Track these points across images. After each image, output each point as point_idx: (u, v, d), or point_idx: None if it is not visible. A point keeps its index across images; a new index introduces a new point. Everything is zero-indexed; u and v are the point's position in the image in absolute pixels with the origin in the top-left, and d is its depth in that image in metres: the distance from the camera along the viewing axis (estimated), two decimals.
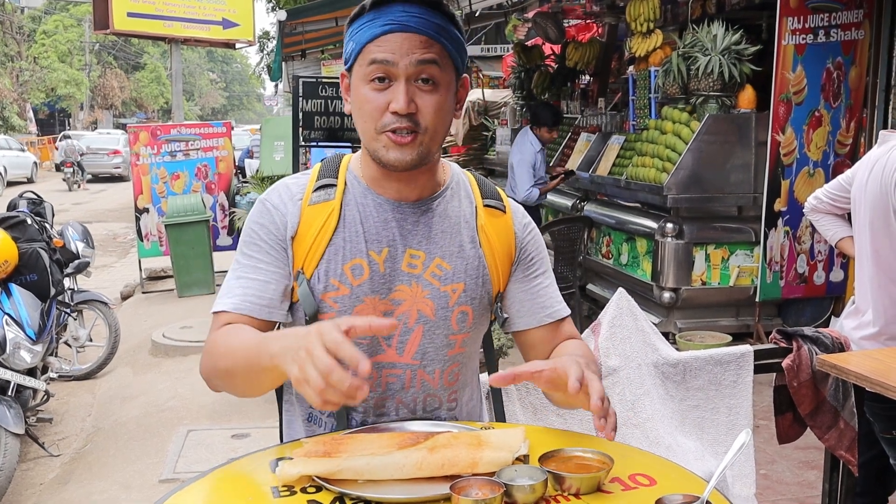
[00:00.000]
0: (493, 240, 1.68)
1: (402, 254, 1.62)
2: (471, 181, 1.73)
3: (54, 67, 39.41)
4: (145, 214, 9.44)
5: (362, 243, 1.60)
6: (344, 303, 1.60)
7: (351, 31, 1.56)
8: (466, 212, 1.68)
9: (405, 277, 1.62)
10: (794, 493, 4.01)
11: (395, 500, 1.28)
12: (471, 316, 1.66)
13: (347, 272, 1.60)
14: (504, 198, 1.75)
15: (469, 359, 1.73)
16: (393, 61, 1.50)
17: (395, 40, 1.50)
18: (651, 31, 6.71)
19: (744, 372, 2.59)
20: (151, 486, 4.32)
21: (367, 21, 1.52)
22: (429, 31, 1.51)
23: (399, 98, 1.50)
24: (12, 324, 4.89)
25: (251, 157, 16.12)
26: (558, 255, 6.84)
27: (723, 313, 6.06)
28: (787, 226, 5.67)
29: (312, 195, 1.63)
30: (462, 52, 1.59)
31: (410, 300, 1.62)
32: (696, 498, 1.21)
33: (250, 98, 79.00)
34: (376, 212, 1.62)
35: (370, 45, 1.52)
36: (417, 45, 1.51)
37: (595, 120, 8.08)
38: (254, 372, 1.45)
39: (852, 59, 5.60)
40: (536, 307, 1.73)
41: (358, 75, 1.55)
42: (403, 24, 1.50)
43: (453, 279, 1.64)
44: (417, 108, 1.52)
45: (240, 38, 15.42)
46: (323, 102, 8.32)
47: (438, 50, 1.53)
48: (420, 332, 1.63)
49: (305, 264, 1.60)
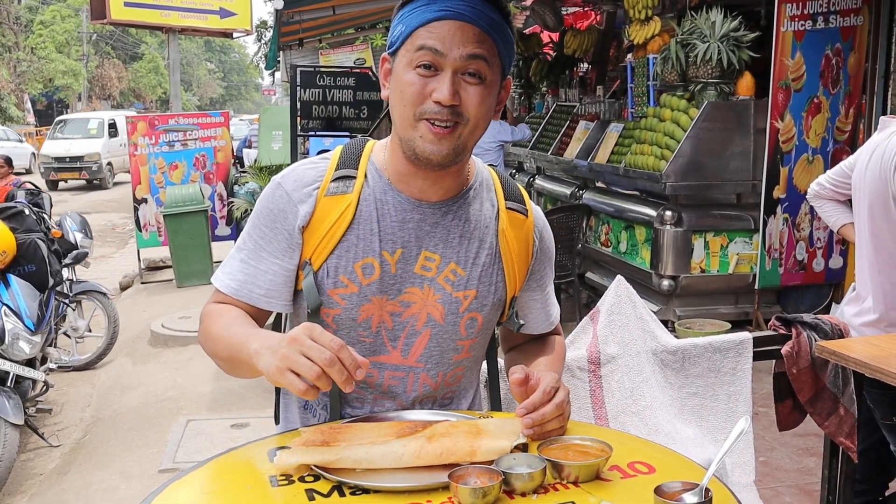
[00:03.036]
0: (513, 245, 1.64)
1: (417, 256, 1.57)
2: (494, 181, 1.68)
3: (52, 58, 39.26)
4: (144, 205, 9.43)
5: (376, 242, 1.55)
6: (351, 300, 1.56)
7: (402, 14, 1.50)
8: (487, 215, 1.63)
9: (417, 280, 1.58)
10: (793, 480, 4.01)
11: (393, 488, 1.27)
12: (480, 322, 1.63)
13: (358, 270, 1.55)
14: (527, 200, 1.71)
15: (473, 363, 1.71)
16: (442, 51, 1.44)
17: (447, 28, 1.45)
18: (649, 18, 6.69)
19: (743, 359, 2.59)
20: (151, 476, 4.32)
21: (422, 5, 1.46)
22: (483, 25, 1.46)
23: (444, 88, 1.44)
24: (11, 314, 4.89)
25: (249, 147, 16.08)
26: (557, 244, 6.79)
27: (722, 301, 6.06)
28: (786, 213, 5.66)
29: (330, 185, 1.57)
30: (511, 53, 1.54)
31: (421, 303, 1.58)
32: (695, 485, 1.20)
33: (248, 88, 78.82)
34: (395, 211, 1.57)
35: (421, 29, 1.46)
36: (470, 38, 1.45)
37: (593, 108, 8.06)
38: (234, 361, 1.51)
39: (851, 46, 5.58)
40: (545, 315, 1.77)
41: (403, 59, 1.48)
42: (459, 12, 1.44)
43: (466, 285, 1.60)
44: (461, 100, 1.46)
45: (237, 28, 15.37)
46: (321, 92, 8.31)
47: (489, 46, 1.47)
48: (427, 336, 1.60)
49: (314, 256, 1.56)
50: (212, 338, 1.56)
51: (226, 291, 1.61)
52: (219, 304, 1.61)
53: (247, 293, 1.59)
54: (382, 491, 1.27)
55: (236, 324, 1.54)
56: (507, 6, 1.52)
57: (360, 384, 1.58)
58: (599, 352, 2.45)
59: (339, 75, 8.61)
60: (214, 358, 1.59)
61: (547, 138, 8.43)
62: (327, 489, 1.28)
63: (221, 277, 1.63)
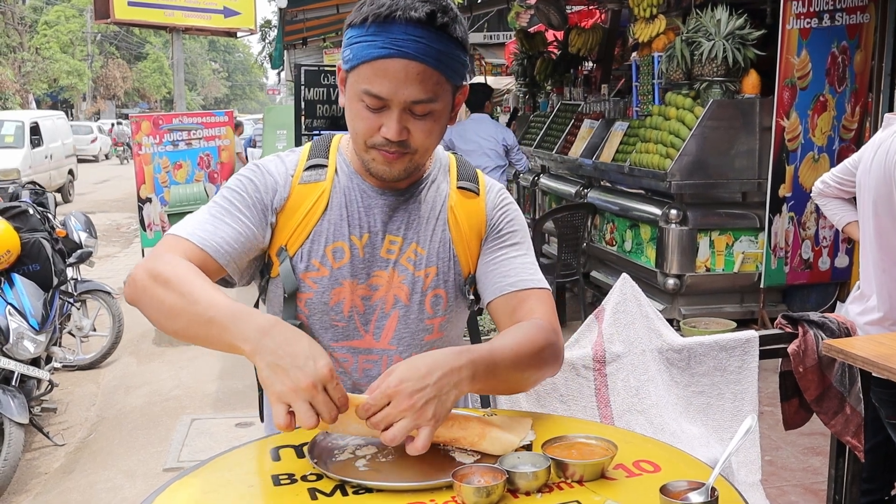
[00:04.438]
0: (462, 221, 1.66)
1: (382, 240, 1.63)
2: (451, 164, 1.73)
3: (56, 58, 39.36)
4: (148, 204, 9.42)
5: (345, 227, 1.61)
6: (323, 284, 1.61)
7: (350, 37, 1.49)
8: (443, 194, 1.68)
9: (383, 263, 1.63)
10: (799, 480, 4.00)
11: (396, 487, 1.27)
12: (445, 299, 1.65)
13: (329, 254, 1.61)
14: (481, 180, 1.72)
15: (449, 344, 1.68)
16: (387, 97, 1.46)
17: (391, 70, 1.44)
18: (654, 16, 6.67)
19: (749, 357, 2.57)
20: (156, 475, 4.32)
21: (368, 35, 1.45)
22: (429, 60, 1.45)
23: (391, 127, 1.47)
24: (15, 314, 4.89)
25: (254, 146, 16.09)
26: (562, 242, 6.82)
27: (727, 300, 6.05)
28: (791, 211, 5.64)
29: (304, 174, 1.64)
30: (464, 72, 1.54)
31: (387, 286, 1.63)
32: (700, 484, 1.19)
33: (253, 87, 78.98)
34: (361, 197, 1.63)
35: (366, 66, 1.46)
36: (414, 79, 1.44)
37: (598, 106, 8.04)
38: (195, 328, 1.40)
39: (857, 43, 5.56)
40: (498, 276, 1.65)
41: (352, 88, 1.50)
42: (403, 50, 1.43)
43: (426, 263, 1.64)
44: (409, 134, 1.50)
45: (241, 27, 15.35)
46: (325, 91, 8.29)
47: (436, 81, 1.47)
48: (396, 318, 1.63)
49: (290, 242, 1.61)
50: (174, 286, 1.42)
51: (192, 239, 1.52)
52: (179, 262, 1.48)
53: (213, 246, 1.52)
54: (386, 490, 1.26)
55: (211, 287, 1.43)
56: (456, 31, 1.48)
57: (337, 370, 1.56)
58: (605, 350, 2.43)
59: None
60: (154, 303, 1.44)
61: (551, 137, 8.41)
62: (330, 488, 1.27)
63: (185, 228, 1.56)
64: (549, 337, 1.56)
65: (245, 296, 1.78)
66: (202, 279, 1.45)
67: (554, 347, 1.57)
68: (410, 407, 1.29)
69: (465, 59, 1.54)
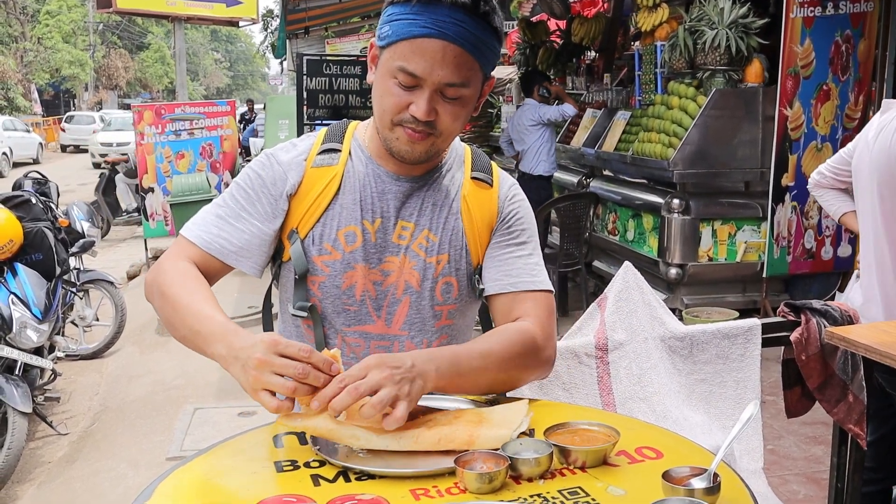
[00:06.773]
0: (475, 211, 1.68)
1: (394, 226, 1.64)
2: (466, 154, 1.74)
3: (58, 48, 39.28)
4: (150, 194, 9.43)
5: (358, 211, 1.63)
6: (335, 267, 1.63)
7: (391, 14, 1.50)
8: (457, 184, 1.70)
9: (395, 249, 1.64)
10: (801, 468, 4.00)
11: (399, 473, 1.27)
12: (455, 287, 1.67)
13: (341, 238, 1.63)
14: (496, 172, 1.74)
15: (459, 332, 1.73)
16: (422, 76, 1.47)
17: (430, 50, 1.46)
18: (657, 5, 6.65)
19: (751, 345, 2.57)
20: (159, 464, 4.33)
21: (411, 13, 1.46)
22: (467, 45, 1.47)
23: (421, 106, 1.49)
24: (18, 303, 4.90)
25: (256, 136, 16.09)
26: (564, 232, 6.82)
27: (729, 289, 6.04)
28: (794, 201, 5.63)
29: (316, 157, 1.66)
30: (495, 58, 1.56)
31: (398, 271, 1.64)
32: (703, 471, 1.19)
33: (255, 77, 78.79)
34: (375, 182, 1.65)
35: (405, 43, 1.47)
36: (451, 62, 1.47)
37: (601, 96, 8.03)
38: (190, 339, 1.52)
39: (861, 32, 5.53)
40: (501, 273, 1.67)
41: (386, 64, 1.51)
42: (443, 32, 1.45)
43: (438, 250, 1.65)
44: (437, 115, 1.52)
45: (243, 16, 15.36)
46: (327, 80, 8.28)
47: (470, 66, 1.50)
48: (407, 303, 1.65)
49: (301, 224, 1.64)
50: (169, 300, 1.55)
51: (197, 243, 1.63)
52: (184, 268, 1.60)
53: (217, 247, 1.62)
54: (388, 476, 1.26)
55: (201, 299, 1.53)
56: (496, 22, 1.51)
57: (349, 356, 1.64)
58: (607, 338, 2.43)
59: (346, 64, 8.59)
60: (158, 311, 1.60)
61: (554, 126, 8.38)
62: (332, 474, 1.28)
63: (192, 229, 1.66)
64: (532, 341, 1.58)
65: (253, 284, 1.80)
66: (197, 292, 1.54)
67: (536, 351, 1.59)
68: (389, 377, 1.33)
69: (499, 51, 1.56)
